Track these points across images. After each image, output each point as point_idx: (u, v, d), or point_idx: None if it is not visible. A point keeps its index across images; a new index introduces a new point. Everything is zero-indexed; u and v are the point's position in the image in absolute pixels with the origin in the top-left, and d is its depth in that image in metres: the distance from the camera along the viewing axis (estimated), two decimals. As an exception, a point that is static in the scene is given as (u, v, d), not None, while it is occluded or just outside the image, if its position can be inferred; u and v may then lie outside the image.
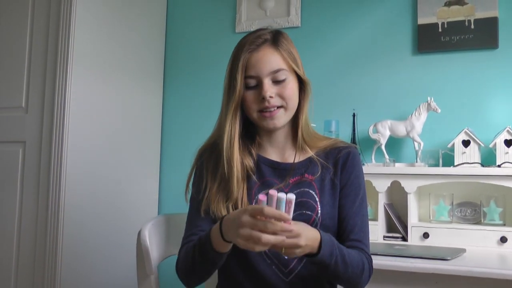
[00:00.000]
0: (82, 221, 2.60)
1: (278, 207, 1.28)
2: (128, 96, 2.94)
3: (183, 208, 1.72)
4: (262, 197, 1.30)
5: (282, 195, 1.29)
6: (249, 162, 1.58)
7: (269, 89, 1.53)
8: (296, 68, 1.58)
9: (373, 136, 2.58)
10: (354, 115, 2.64)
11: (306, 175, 1.58)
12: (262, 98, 1.52)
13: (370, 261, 1.57)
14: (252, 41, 1.56)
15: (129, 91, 2.95)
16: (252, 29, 2.92)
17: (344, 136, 2.63)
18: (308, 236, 1.35)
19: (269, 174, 1.60)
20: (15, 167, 2.61)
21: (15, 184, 2.60)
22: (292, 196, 1.30)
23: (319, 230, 1.41)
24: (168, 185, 3.20)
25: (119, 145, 2.87)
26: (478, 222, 2.35)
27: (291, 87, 1.56)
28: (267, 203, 1.29)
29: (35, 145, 2.57)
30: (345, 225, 1.56)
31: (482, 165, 2.36)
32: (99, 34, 2.74)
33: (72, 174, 2.54)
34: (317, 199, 1.55)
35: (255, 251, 1.28)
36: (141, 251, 1.72)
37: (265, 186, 1.57)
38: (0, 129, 2.68)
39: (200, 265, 1.48)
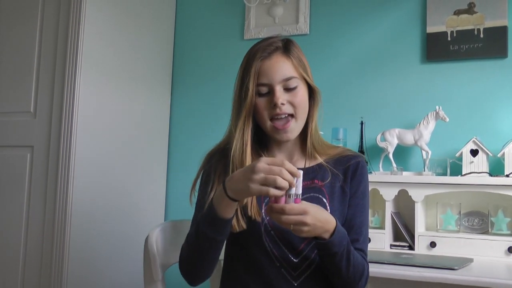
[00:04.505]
0: (89, 226, 2.61)
1: (296, 181, 1.36)
2: (136, 102, 2.95)
3: (190, 214, 1.72)
4: None
5: (300, 171, 1.37)
6: None
7: (281, 96, 1.54)
8: (306, 76, 1.60)
9: (381, 144, 2.58)
10: (362, 123, 2.63)
11: (316, 180, 1.59)
12: (273, 105, 1.54)
13: (368, 271, 1.59)
14: (263, 49, 1.58)
15: (137, 97, 2.96)
16: (260, 36, 2.98)
17: (352, 144, 2.62)
18: (317, 217, 1.38)
19: None
20: (23, 171, 2.61)
21: (23, 188, 2.60)
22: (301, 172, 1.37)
23: (335, 218, 1.44)
24: (175, 191, 3.20)
25: (126, 151, 2.88)
26: (485, 232, 2.34)
27: (302, 95, 1.58)
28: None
29: (43, 150, 2.58)
30: (352, 234, 1.57)
31: (490, 175, 2.35)
32: (107, 40, 2.75)
33: (80, 179, 2.55)
34: (327, 205, 1.56)
35: (269, 195, 1.32)
36: (148, 256, 1.72)
37: None
38: (8, 134, 2.69)
39: (204, 242, 1.45)
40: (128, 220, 2.86)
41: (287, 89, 1.56)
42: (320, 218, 1.39)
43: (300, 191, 1.36)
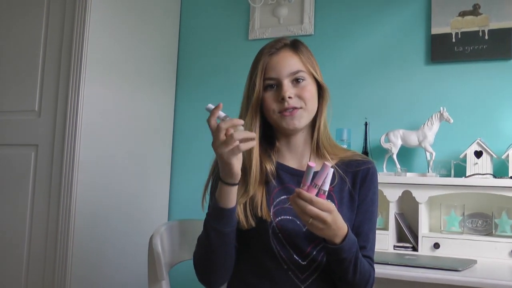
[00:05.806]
0: (93, 225, 2.61)
1: (326, 177, 1.37)
2: (140, 101, 2.95)
3: (193, 214, 1.72)
4: (311, 163, 1.37)
5: (331, 169, 1.38)
6: (270, 166, 1.59)
7: (289, 89, 1.55)
8: (314, 73, 1.60)
9: (385, 145, 2.57)
10: (366, 124, 2.64)
11: None
12: (281, 99, 1.54)
13: (373, 278, 1.59)
14: (271, 46, 1.61)
15: (141, 96, 2.96)
16: (265, 37, 2.99)
17: (356, 145, 2.63)
18: (336, 220, 1.39)
19: (288, 180, 1.60)
20: (27, 170, 2.61)
21: (27, 187, 2.60)
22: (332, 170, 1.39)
23: (347, 225, 1.44)
24: (179, 191, 3.19)
25: (131, 149, 2.88)
26: (489, 234, 2.33)
27: (310, 90, 1.58)
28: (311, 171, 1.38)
29: (47, 148, 2.58)
30: (359, 241, 1.56)
31: (494, 176, 2.35)
32: (112, 39, 2.75)
33: (84, 178, 2.55)
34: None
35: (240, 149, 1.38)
36: (152, 255, 1.72)
37: (285, 191, 1.58)
38: (12, 132, 2.70)
39: (215, 237, 1.47)
40: (132, 220, 2.86)
41: (295, 83, 1.57)
42: (337, 222, 1.39)
43: (327, 188, 1.38)
